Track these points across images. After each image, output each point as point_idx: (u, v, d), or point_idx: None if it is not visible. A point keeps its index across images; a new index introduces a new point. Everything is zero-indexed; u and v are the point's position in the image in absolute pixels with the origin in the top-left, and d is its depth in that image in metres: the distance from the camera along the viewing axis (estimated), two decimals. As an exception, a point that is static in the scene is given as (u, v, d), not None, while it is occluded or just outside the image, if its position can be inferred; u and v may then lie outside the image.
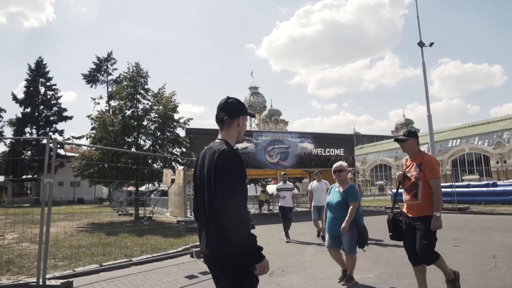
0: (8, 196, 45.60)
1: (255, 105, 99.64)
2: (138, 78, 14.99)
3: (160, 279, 5.54)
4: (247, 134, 18.90)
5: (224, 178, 1.95)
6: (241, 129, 2.27)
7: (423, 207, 3.89)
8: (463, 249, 7.20)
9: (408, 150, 4.14)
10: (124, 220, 15.33)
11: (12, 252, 7.77)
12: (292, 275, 5.69)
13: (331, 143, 20.61)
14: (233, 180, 1.96)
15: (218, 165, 1.98)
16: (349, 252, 4.91)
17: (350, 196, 4.90)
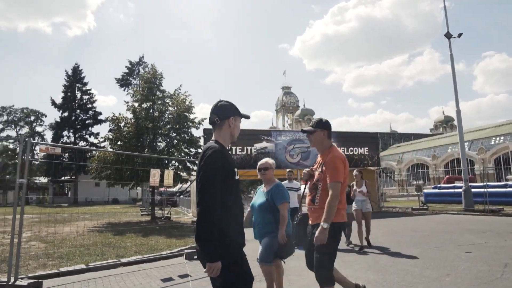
0: (49, 195, 48.18)
1: (287, 105, 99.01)
2: (153, 79, 15.14)
3: (134, 281, 5.42)
4: (267, 134, 18.60)
5: (205, 177, 2.04)
6: (233, 130, 2.34)
7: (318, 214, 3.17)
8: (475, 256, 6.52)
9: (315, 144, 3.44)
10: (141, 220, 15.54)
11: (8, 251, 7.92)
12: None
13: (354, 142, 19.80)
14: (214, 179, 2.03)
15: (203, 164, 2.09)
16: (262, 261, 3.89)
17: (276, 196, 4.00)
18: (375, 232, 10.58)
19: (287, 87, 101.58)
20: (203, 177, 2.06)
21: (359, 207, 8.14)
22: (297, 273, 5.45)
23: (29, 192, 51.44)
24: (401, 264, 6.12)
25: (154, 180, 6.87)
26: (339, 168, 3.20)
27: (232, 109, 2.35)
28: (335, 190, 3.10)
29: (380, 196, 20.01)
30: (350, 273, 5.63)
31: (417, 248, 7.63)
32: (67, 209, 26.81)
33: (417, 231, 10.34)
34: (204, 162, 2.10)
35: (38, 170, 46.80)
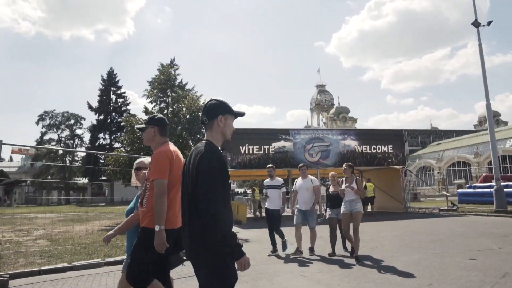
0: (88, 195, 50.46)
1: (322, 103, 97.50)
2: (167, 81, 15.29)
3: (104, 282, 5.42)
4: (285, 132, 18.24)
5: (205, 179, 2.04)
6: (224, 128, 2.29)
7: (146, 217, 2.92)
8: (476, 263, 5.90)
9: (147, 141, 3.19)
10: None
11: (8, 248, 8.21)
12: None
13: (377, 140, 18.91)
14: (214, 180, 2.04)
15: (200, 166, 2.08)
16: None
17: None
18: (385, 234, 10.02)
19: (321, 85, 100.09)
20: (207, 182, 2.04)
21: (348, 209, 6.76)
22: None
23: (71, 192, 54.21)
24: (387, 271, 5.65)
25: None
26: (162, 163, 2.90)
27: (221, 108, 2.30)
28: (158, 188, 2.82)
29: (405, 196, 18.99)
30: (325, 280, 5.29)
31: (419, 253, 7.07)
32: (98, 209, 27.89)
33: (430, 234, 9.63)
34: (203, 165, 2.08)
35: (78, 171, 49.18)
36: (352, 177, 6.90)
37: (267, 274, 5.82)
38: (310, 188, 7.50)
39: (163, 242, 2.70)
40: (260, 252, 7.76)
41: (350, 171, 6.91)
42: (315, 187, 7.53)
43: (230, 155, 17.19)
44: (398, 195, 19.18)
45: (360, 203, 6.80)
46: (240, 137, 17.79)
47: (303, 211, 7.52)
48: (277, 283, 5.28)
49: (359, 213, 6.74)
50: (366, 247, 8.01)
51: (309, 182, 7.58)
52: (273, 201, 7.65)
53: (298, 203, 7.65)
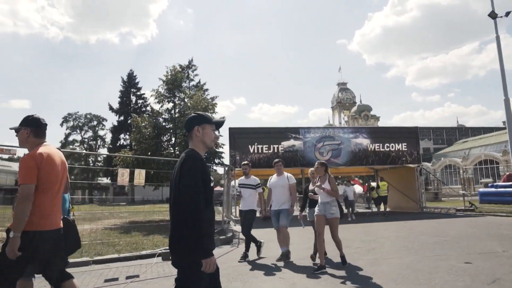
0: (110, 195, 51.65)
1: (343, 102, 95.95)
2: (174, 80, 15.37)
3: (78, 281, 5.35)
4: (294, 131, 17.98)
5: (187, 180, 2.24)
6: (203, 137, 2.48)
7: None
8: (470, 267, 5.54)
9: (21, 144, 3.06)
10: (163, 219, 15.82)
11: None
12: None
13: (390, 138, 18.31)
14: (195, 182, 2.24)
15: (182, 170, 2.30)
16: None
17: None
18: (390, 235, 9.67)
19: (342, 83, 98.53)
20: (187, 184, 2.24)
21: (321, 211, 6.00)
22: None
23: (95, 192, 55.62)
24: (371, 274, 5.38)
25: (123, 179, 6.84)
26: (28, 167, 2.79)
27: (196, 119, 2.51)
28: (22, 193, 2.73)
29: (420, 195, 18.33)
30: (302, 283, 5.09)
31: (416, 255, 6.73)
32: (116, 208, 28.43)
33: (437, 236, 9.19)
34: (185, 170, 2.29)
35: (100, 171, 50.40)
36: (326, 176, 6.13)
37: (245, 275, 5.68)
38: (286, 186, 6.76)
39: (14, 250, 2.63)
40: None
41: (323, 170, 6.16)
42: (291, 185, 6.80)
43: (239, 154, 17.10)
44: (413, 195, 18.55)
45: (336, 206, 5.98)
46: (249, 136, 17.70)
47: (277, 211, 6.81)
48: (251, 284, 5.12)
49: (335, 219, 5.93)
50: (364, 248, 7.74)
51: (284, 179, 6.82)
52: (246, 201, 7.10)
53: (272, 203, 6.96)
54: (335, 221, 5.95)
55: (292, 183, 6.85)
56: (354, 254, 7.08)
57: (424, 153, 77.33)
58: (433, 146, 78.04)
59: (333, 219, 5.93)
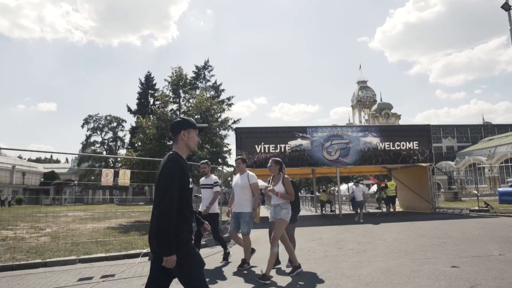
0: (129, 195, 52.63)
1: (363, 100, 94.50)
2: (178, 82, 15.47)
3: (55, 279, 5.49)
4: (301, 130, 17.74)
5: (165, 184, 2.40)
6: (188, 141, 2.64)
7: None
8: (453, 272, 5.26)
9: None
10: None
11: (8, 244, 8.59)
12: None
13: (401, 136, 17.76)
14: (172, 186, 2.39)
15: (162, 172, 2.47)
16: None
17: None
18: (388, 237, 9.34)
19: (362, 81, 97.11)
20: (163, 184, 2.40)
21: (272, 215, 5.50)
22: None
23: (116, 192, 56.83)
24: (341, 279, 5.19)
25: (107, 179, 6.89)
26: None
27: (183, 124, 2.66)
28: None
29: (433, 195, 17.73)
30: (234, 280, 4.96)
31: (403, 258, 6.46)
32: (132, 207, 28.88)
33: (437, 238, 8.83)
34: (164, 171, 2.45)
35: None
36: (280, 176, 5.56)
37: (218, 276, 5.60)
38: (247, 186, 6.15)
39: None
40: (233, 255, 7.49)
41: (277, 169, 5.60)
42: (252, 185, 6.17)
43: (246, 154, 17.01)
44: (426, 195, 17.98)
45: (287, 209, 5.39)
46: (255, 136, 17.60)
47: (237, 214, 6.25)
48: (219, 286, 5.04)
49: (281, 221, 5.28)
50: (355, 250, 7.51)
51: (245, 178, 6.22)
52: (206, 203, 6.65)
53: (234, 205, 6.39)
54: (279, 222, 5.28)
55: (254, 182, 6.23)
56: (342, 256, 6.89)
57: (448, 151, 75.22)
58: (457, 144, 75.66)
59: (279, 220, 5.29)
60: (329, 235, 10.38)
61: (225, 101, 52.49)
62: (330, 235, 10.24)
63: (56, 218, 17.13)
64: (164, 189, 2.40)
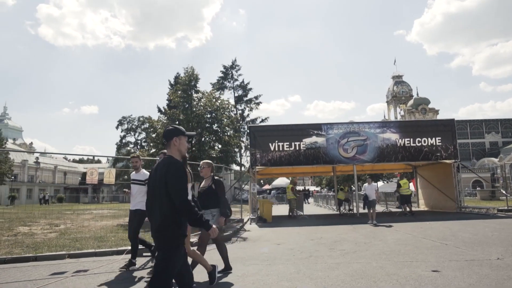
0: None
1: (399, 95, 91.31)
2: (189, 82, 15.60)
3: (30, 273, 5.64)
4: (316, 127, 17.31)
5: (173, 182, 2.80)
6: (179, 147, 3.01)
7: None
8: (426, 277, 4.87)
9: None
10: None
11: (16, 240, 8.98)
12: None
13: (422, 132, 16.83)
14: (179, 182, 2.81)
15: (168, 174, 2.82)
16: None
17: None
18: (390, 239, 8.89)
19: (398, 76, 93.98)
20: (176, 184, 2.79)
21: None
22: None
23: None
24: (305, 281, 4.95)
25: (92, 178, 7.01)
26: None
27: (174, 132, 3.02)
28: None
29: (458, 194, 16.71)
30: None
31: (386, 260, 6.09)
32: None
33: (442, 239, 8.28)
34: (173, 174, 2.82)
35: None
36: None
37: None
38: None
39: None
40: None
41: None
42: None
43: (259, 152, 16.88)
44: (450, 193, 17.00)
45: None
46: (269, 134, 17.40)
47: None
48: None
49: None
50: (346, 251, 7.20)
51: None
52: (134, 200, 6.09)
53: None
54: None
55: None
56: (326, 257, 6.61)
57: (491, 147, 70.96)
58: (502, 140, 71.23)
59: None
60: (331, 234, 10.04)
61: (253, 100, 52.65)
62: (332, 235, 9.91)
63: (79, 216, 17.84)
64: (178, 189, 2.79)
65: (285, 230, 11.88)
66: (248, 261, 6.41)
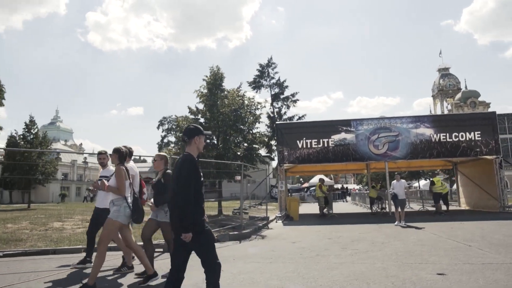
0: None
1: (446, 89, 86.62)
2: (215, 81, 15.76)
3: (37, 266, 5.93)
4: (345, 124, 16.78)
5: (181, 178, 3.02)
6: (199, 145, 3.27)
7: None
8: (430, 280, 4.55)
9: None
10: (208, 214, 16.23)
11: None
12: None
13: (459, 126, 15.73)
14: (187, 177, 3.02)
15: (178, 169, 3.09)
16: None
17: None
18: (409, 238, 8.46)
19: (444, 69, 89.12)
20: (182, 179, 3.01)
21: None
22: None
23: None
24: (286, 282, 4.78)
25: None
26: None
27: (196, 131, 3.27)
28: None
29: (501, 192, 15.52)
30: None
31: (394, 261, 5.79)
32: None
33: (467, 241, 7.73)
34: (183, 169, 3.05)
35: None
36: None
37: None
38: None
39: None
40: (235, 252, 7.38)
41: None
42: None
43: (287, 150, 16.70)
44: (493, 192, 15.84)
45: (119, 206, 4.60)
46: (296, 131, 17.17)
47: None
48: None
49: (109, 221, 4.59)
50: (356, 251, 6.91)
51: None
52: (99, 197, 5.80)
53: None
54: (107, 222, 4.62)
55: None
56: (332, 257, 6.40)
57: (550, 143, 65.34)
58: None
59: (107, 220, 4.64)
60: (352, 233, 9.72)
61: (290, 98, 52.20)
62: (353, 234, 9.58)
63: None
64: (183, 183, 2.99)
65: (307, 229, 11.67)
66: (251, 259, 6.34)
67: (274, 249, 7.45)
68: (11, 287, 4.64)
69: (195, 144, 3.23)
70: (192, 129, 3.30)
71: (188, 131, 3.29)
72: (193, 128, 3.31)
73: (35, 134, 25.05)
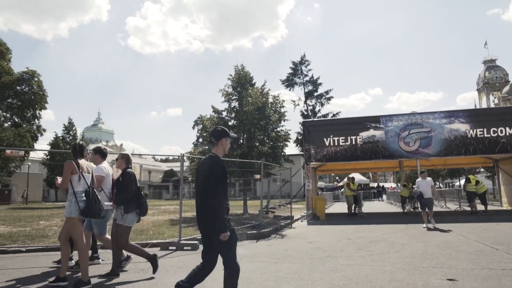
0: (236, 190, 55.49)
1: (492, 81, 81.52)
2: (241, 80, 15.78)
3: (47, 261, 6.12)
4: (374, 120, 16.18)
5: (212, 178, 3.12)
6: (225, 147, 3.38)
7: None
8: (438, 286, 4.24)
9: None
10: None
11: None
12: None
13: (498, 120, 14.58)
14: (217, 180, 3.11)
15: (208, 171, 3.17)
16: None
17: None
18: (431, 240, 8.03)
19: (490, 61, 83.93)
20: (214, 181, 3.10)
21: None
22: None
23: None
24: (282, 284, 4.62)
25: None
26: None
27: (224, 133, 3.37)
28: None
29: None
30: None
31: (406, 265, 5.49)
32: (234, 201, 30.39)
33: (495, 244, 7.19)
34: (213, 171, 3.14)
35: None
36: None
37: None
38: (109, 175, 5.47)
39: None
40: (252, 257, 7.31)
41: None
42: (96, 176, 5.08)
43: (314, 148, 16.40)
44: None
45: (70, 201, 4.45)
46: (323, 129, 16.82)
47: None
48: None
49: (67, 219, 4.49)
50: (370, 252, 6.62)
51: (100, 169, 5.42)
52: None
53: None
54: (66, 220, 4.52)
55: (98, 174, 5.24)
56: (343, 258, 6.16)
57: None
58: None
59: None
60: (375, 234, 9.36)
61: (323, 95, 51.32)
62: (375, 235, 9.24)
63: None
64: (214, 186, 3.08)
65: (330, 228, 11.38)
66: (258, 258, 6.25)
67: (287, 249, 7.31)
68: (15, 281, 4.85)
69: (221, 146, 3.33)
70: (220, 131, 3.38)
71: (215, 132, 3.37)
72: (220, 130, 3.39)
73: (73, 135, 26.35)
